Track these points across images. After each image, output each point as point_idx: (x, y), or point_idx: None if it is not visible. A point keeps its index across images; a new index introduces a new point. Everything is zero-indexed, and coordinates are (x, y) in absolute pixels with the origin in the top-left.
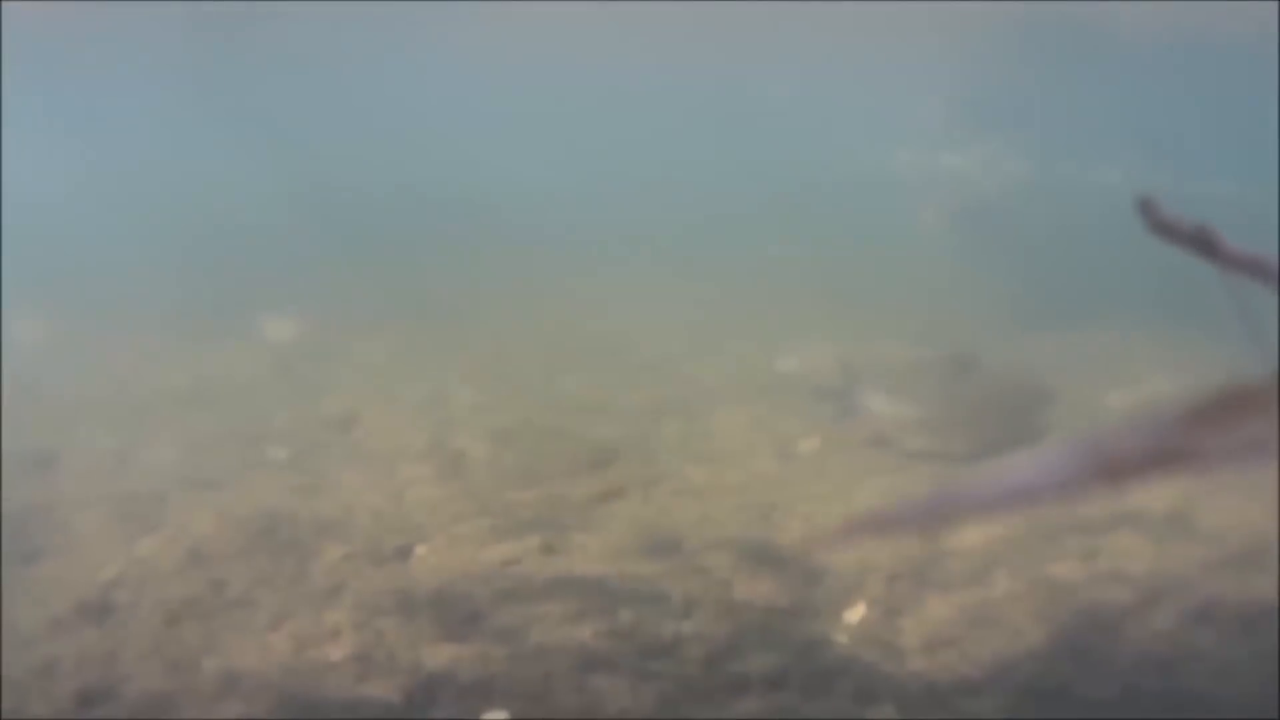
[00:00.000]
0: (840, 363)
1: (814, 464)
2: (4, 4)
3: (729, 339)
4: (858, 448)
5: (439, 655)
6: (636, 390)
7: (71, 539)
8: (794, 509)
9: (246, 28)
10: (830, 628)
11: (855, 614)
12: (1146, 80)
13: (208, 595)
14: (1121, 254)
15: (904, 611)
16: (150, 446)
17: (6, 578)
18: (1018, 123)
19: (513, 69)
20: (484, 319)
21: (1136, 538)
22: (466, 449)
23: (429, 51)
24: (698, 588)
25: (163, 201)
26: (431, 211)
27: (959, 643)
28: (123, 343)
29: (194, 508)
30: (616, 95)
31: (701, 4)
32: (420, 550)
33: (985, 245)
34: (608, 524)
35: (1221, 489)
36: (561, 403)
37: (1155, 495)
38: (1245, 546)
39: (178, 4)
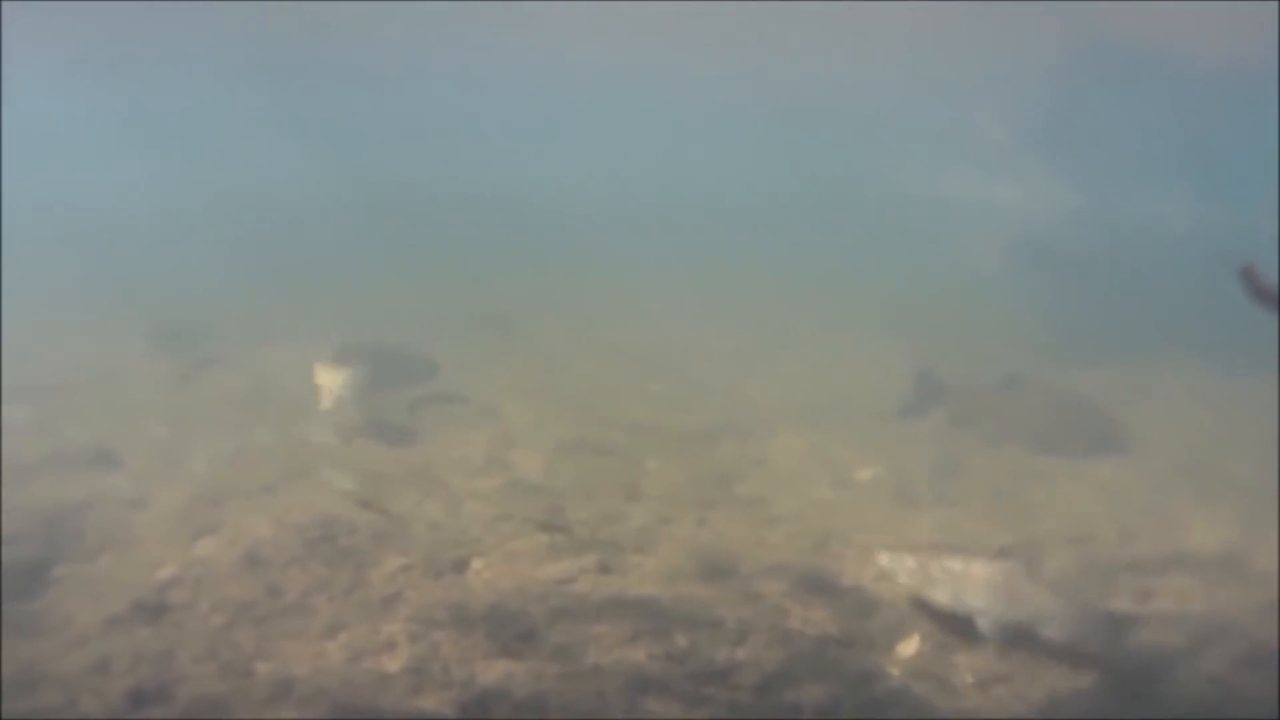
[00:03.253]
0: (895, 391)
1: (870, 493)
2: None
3: (781, 360)
4: (914, 477)
5: (493, 671)
6: (691, 412)
7: (130, 537)
8: (849, 538)
9: (313, 38)
10: (883, 660)
11: (909, 647)
12: (1199, 112)
13: (264, 599)
14: (1170, 288)
15: (957, 646)
16: (210, 449)
17: (64, 574)
18: (1070, 152)
19: (569, 85)
20: (537, 330)
21: (1189, 579)
22: (523, 465)
23: (491, 62)
24: (752, 614)
25: (229, 208)
26: (487, 224)
27: (1011, 680)
28: (187, 349)
29: (252, 511)
30: (671, 111)
31: (752, 22)
32: (477, 564)
33: (1035, 280)
34: (663, 546)
35: (1272, 530)
36: (616, 422)
37: (1208, 536)
38: None
39: (247, 10)
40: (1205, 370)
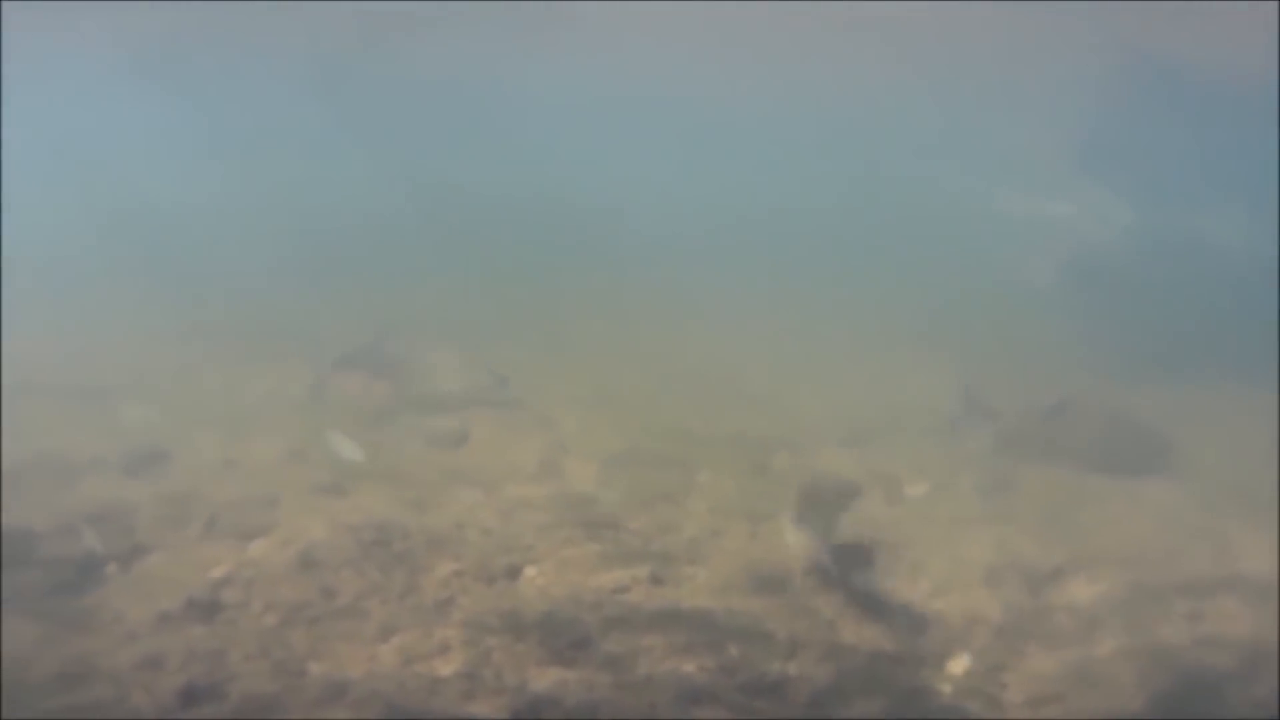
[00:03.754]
0: (945, 406)
1: (921, 510)
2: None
3: (830, 373)
4: (965, 494)
5: (545, 678)
6: (743, 423)
7: (183, 536)
8: (901, 555)
9: (377, 41)
10: (934, 677)
11: (960, 665)
12: (1252, 127)
13: (318, 601)
14: (1221, 306)
15: (1009, 665)
16: (263, 451)
17: (115, 571)
18: (1121, 167)
19: (626, 92)
20: (588, 337)
21: (1239, 602)
22: (575, 473)
23: (551, 70)
24: (803, 628)
25: (289, 213)
26: (544, 231)
27: (1062, 700)
28: (242, 350)
29: (306, 513)
30: (726, 120)
31: (806, 37)
32: (529, 571)
33: (1086, 296)
34: (715, 557)
35: None
36: (668, 431)
37: (1258, 559)
38: None
39: (307, 11)
40: (1256, 390)
